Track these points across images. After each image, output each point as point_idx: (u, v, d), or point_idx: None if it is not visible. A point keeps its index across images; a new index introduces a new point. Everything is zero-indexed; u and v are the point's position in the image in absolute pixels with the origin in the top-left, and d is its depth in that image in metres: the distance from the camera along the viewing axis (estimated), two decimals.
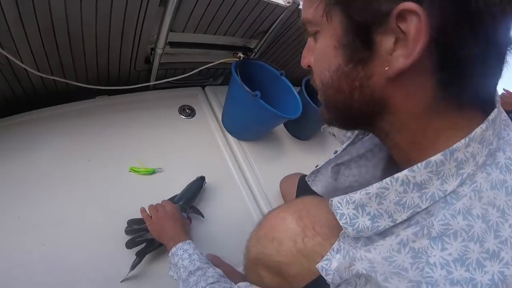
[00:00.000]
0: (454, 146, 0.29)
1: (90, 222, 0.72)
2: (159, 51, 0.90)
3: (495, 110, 0.31)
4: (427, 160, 0.29)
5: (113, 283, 0.65)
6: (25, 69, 0.74)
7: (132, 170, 0.84)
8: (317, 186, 0.66)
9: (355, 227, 0.35)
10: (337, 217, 0.36)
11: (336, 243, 0.39)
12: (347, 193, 0.59)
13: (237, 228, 0.83)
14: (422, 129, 0.32)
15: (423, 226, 0.29)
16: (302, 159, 1.10)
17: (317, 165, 0.64)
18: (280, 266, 0.45)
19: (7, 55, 0.68)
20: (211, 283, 0.53)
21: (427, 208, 0.30)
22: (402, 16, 0.27)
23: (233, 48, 1.08)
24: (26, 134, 0.80)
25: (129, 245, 0.69)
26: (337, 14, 0.31)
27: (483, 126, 0.29)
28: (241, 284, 0.48)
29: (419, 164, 0.30)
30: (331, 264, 0.39)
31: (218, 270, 0.57)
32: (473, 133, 0.29)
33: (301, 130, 1.18)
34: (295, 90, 1.04)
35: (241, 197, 0.92)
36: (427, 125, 0.31)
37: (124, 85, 0.95)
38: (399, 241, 0.30)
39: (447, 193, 0.29)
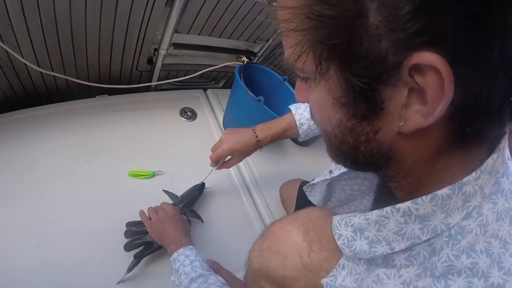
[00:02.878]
0: (464, 180, 0.27)
1: (87, 223, 0.70)
2: (162, 52, 0.90)
3: (505, 136, 0.29)
4: (433, 193, 0.27)
5: (110, 286, 0.63)
6: (25, 64, 0.72)
7: (132, 173, 0.82)
8: (314, 197, 0.67)
9: (352, 248, 0.34)
10: (335, 237, 0.36)
11: (342, 258, 0.38)
12: (342, 207, 0.59)
13: (236, 234, 0.82)
14: (428, 171, 0.29)
15: (426, 268, 0.29)
16: (303, 165, 1.09)
17: (313, 179, 0.64)
18: (284, 280, 0.44)
19: (7, 49, 0.66)
20: None
21: (428, 240, 0.29)
22: (418, 68, 0.22)
23: (236, 52, 1.08)
24: (24, 132, 0.78)
25: (128, 247, 0.67)
26: (332, 71, 0.26)
27: (494, 156, 0.27)
28: None
29: (423, 197, 0.28)
30: (336, 281, 0.37)
31: (220, 277, 0.56)
32: (484, 165, 0.27)
33: None
34: None
35: (241, 202, 0.91)
36: (434, 166, 0.29)
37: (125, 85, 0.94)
38: (403, 281, 0.30)
39: (451, 226, 0.28)
